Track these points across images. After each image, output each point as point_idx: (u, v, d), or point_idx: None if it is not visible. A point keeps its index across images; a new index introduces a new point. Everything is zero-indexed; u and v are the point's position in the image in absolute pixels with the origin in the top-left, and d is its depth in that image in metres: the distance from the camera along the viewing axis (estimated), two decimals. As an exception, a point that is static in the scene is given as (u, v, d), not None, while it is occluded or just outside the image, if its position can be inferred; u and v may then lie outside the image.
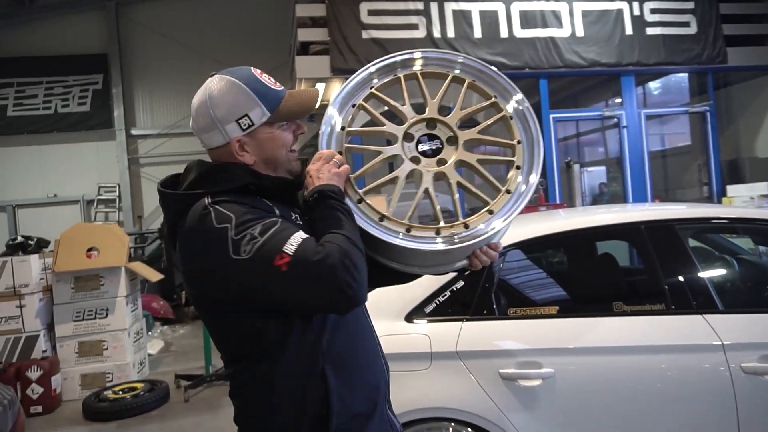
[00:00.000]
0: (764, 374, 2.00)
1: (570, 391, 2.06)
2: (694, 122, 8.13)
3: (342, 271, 1.02)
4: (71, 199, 10.61)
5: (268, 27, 10.46)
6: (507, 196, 1.21)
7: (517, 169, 1.23)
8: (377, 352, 1.28)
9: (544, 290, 2.44)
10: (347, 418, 1.14)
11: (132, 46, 10.79)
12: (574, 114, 8.47)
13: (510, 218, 1.19)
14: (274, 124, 1.19)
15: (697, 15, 7.16)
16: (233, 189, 1.13)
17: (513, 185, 1.22)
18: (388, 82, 1.30)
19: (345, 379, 1.15)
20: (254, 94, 1.16)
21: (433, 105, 1.27)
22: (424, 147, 1.24)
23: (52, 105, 10.50)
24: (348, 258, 1.04)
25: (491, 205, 1.21)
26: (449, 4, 6.69)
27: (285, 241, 1.04)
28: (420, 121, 1.26)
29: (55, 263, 4.68)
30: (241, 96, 1.16)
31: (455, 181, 1.22)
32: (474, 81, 1.29)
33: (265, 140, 1.19)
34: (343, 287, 1.02)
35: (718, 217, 2.55)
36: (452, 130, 1.25)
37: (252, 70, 1.20)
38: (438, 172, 1.23)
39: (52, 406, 4.38)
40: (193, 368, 5.21)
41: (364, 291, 1.07)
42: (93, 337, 4.73)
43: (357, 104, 1.27)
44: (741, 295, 2.55)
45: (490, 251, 1.28)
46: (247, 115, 1.16)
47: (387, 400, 1.28)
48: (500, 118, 1.26)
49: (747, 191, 6.81)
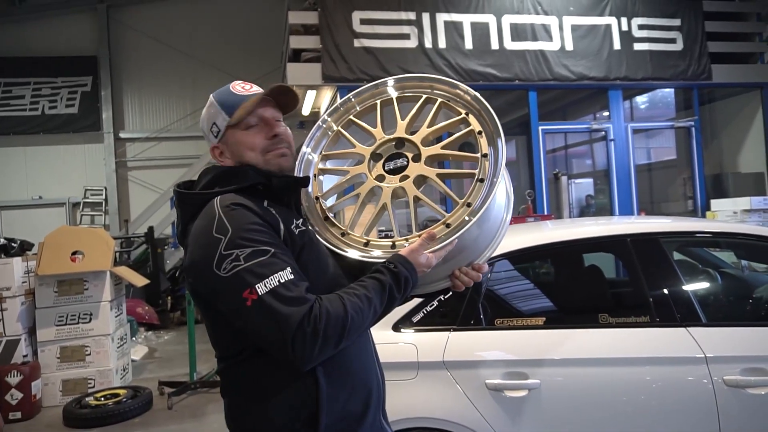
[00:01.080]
0: (746, 387, 2.02)
1: (555, 402, 2.07)
2: (680, 137, 8.26)
3: (298, 336, 1.04)
4: (57, 201, 10.47)
5: (261, 32, 10.47)
6: (466, 208, 1.21)
7: (480, 182, 1.23)
8: (371, 357, 1.30)
9: (530, 301, 2.46)
10: (337, 419, 1.16)
11: (122, 48, 10.73)
12: (562, 126, 8.58)
13: (462, 231, 1.17)
14: (238, 128, 1.25)
15: (683, 32, 7.30)
16: (243, 188, 1.19)
17: (475, 198, 1.21)
18: (366, 108, 1.39)
19: (336, 380, 1.17)
20: (218, 104, 1.27)
21: (402, 125, 1.31)
22: (389, 165, 1.29)
23: (40, 106, 10.39)
24: (321, 325, 1.05)
25: (447, 218, 1.21)
26: (441, 15, 6.76)
27: (264, 278, 1.07)
28: (389, 141, 1.31)
29: (39, 266, 4.61)
30: (212, 108, 1.28)
31: (412, 195, 1.25)
32: (447, 101, 1.33)
33: (233, 144, 1.26)
34: (289, 350, 1.05)
35: (702, 231, 2.59)
36: (418, 148, 1.28)
37: (231, 84, 1.30)
38: (397, 188, 1.26)
39: (32, 412, 4.30)
40: (178, 375, 5.16)
41: (311, 360, 1.08)
42: (75, 342, 4.66)
43: (335, 130, 1.38)
44: (724, 308, 2.58)
45: (471, 272, 1.28)
46: (215, 123, 1.27)
47: (381, 408, 1.29)
48: (467, 133, 1.29)
49: (730, 206, 6.93)
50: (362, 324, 1.12)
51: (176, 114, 10.84)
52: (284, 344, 1.05)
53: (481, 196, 1.21)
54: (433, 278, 1.27)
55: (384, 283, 1.15)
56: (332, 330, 1.07)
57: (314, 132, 1.43)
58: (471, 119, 1.29)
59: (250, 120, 1.24)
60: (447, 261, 1.22)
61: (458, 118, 1.30)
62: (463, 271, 1.27)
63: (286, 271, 1.09)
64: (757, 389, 2.02)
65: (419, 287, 1.25)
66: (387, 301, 1.15)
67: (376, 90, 1.42)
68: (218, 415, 4.10)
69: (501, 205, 1.31)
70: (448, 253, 1.20)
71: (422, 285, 1.26)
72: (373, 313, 1.14)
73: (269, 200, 1.22)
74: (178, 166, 10.36)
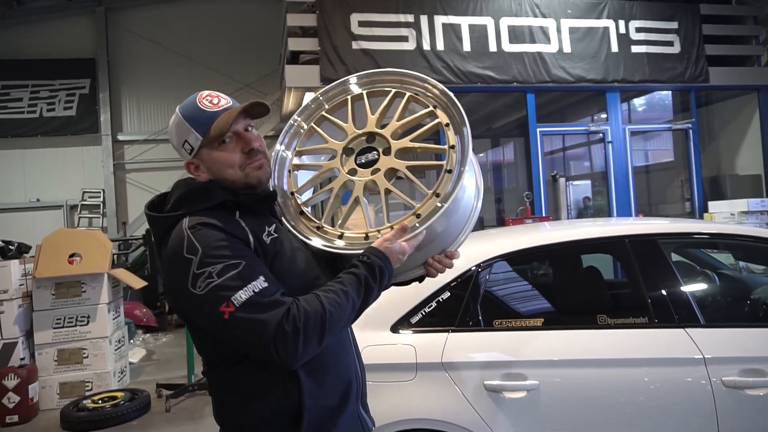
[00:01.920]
0: (744, 388, 2.02)
1: (554, 403, 2.07)
2: (677, 139, 8.29)
3: (279, 338, 1.08)
4: (54, 204, 10.44)
5: (259, 34, 10.46)
6: (435, 198, 1.24)
7: (448, 173, 1.26)
8: (350, 353, 1.35)
9: (529, 302, 2.46)
10: (319, 413, 1.21)
11: (120, 51, 10.72)
12: (560, 128, 8.59)
13: (432, 219, 1.21)
14: (213, 145, 1.25)
15: (680, 35, 7.33)
16: (212, 206, 1.21)
17: (444, 188, 1.24)
18: (337, 103, 1.41)
19: (317, 379, 1.22)
20: (188, 121, 1.25)
21: (372, 120, 1.34)
22: (361, 159, 1.31)
23: (38, 109, 10.36)
24: (300, 323, 1.09)
25: (417, 209, 1.25)
26: (439, 17, 6.77)
27: (238, 289, 1.10)
28: (360, 135, 1.34)
29: (36, 269, 4.60)
30: (180, 125, 1.26)
31: (384, 187, 1.28)
32: (416, 95, 1.35)
33: (210, 161, 1.26)
34: (273, 353, 1.09)
35: (700, 232, 2.59)
36: (388, 141, 1.31)
37: (197, 97, 1.27)
38: (368, 181, 1.29)
39: (29, 415, 4.28)
40: (176, 377, 5.14)
41: (297, 358, 1.11)
42: (73, 345, 4.65)
43: (308, 126, 1.41)
44: (722, 309, 2.59)
45: (445, 260, 1.32)
46: (186, 141, 1.26)
47: (360, 399, 1.34)
48: (435, 126, 1.32)
49: (728, 207, 6.95)
50: (342, 317, 1.15)
51: (174, 116, 10.83)
52: (267, 348, 1.08)
53: (449, 186, 1.24)
54: (408, 267, 1.31)
55: (359, 276, 1.18)
56: (312, 326, 1.10)
57: (286, 131, 1.45)
58: (438, 112, 1.32)
59: (224, 137, 1.24)
60: (420, 249, 1.26)
61: (426, 111, 1.33)
62: (437, 259, 1.32)
63: (259, 280, 1.12)
64: (755, 390, 2.02)
65: (394, 276, 1.27)
66: (364, 292, 1.18)
67: (343, 87, 1.44)
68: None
69: (470, 194, 1.33)
70: (421, 242, 1.24)
71: (397, 274, 1.28)
72: (352, 305, 1.17)
73: (240, 212, 1.25)
74: (176, 168, 10.33)
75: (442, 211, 1.21)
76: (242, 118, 1.27)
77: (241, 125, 1.26)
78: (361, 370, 1.38)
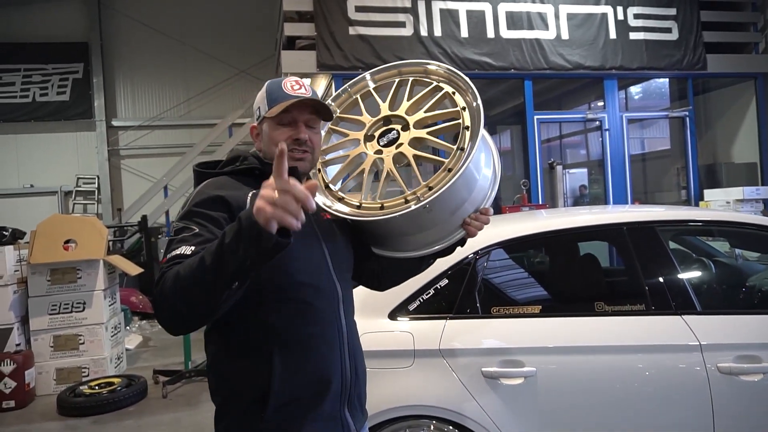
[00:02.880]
0: (739, 374, 2.04)
1: (551, 389, 2.08)
2: (674, 127, 8.28)
3: (157, 307, 1.09)
4: (49, 190, 10.38)
5: (255, 19, 10.36)
6: (461, 153, 1.34)
7: (466, 129, 1.37)
8: (337, 350, 1.30)
9: (526, 290, 2.46)
10: (284, 402, 1.22)
11: (114, 35, 10.58)
12: (557, 116, 8.57)
13: (466, 163, 1.30)
14: (274, 121, 1.34)
15: (678, 21, 7.28)
16: (242, 170, 1.34)
17: (465, 143, 1.35)
18: (348, 104, 1.54)
19: (291, 366, 1.23)
20: (267, 93, 1.37)
21: (384, 107, 1.47)
22: (383, 141, 1.43)
23: (30, 93, 10.25)
24: (159, 290, 1.08)
25: (447, 164, 1.33)
26: (436, 2, 6.70)
27: (172, 251, 1.14)
28: (377, 122, 1.46)
29: (31, 255, 4.57)
30: (261, 93, 1.39)
31: (411, 155, 1.39)
32: (418, 78, 1.48)
33: (264, 133, 1.38)
34: (156, 312, 1.11)
35: (697, 219, 2.60)
36: (404, 118, 1.43)
37: (284, 78, 1.40)
38: (396, 154, 1.40)
39: (26, 401, 4.29)
40: (172, 363, 5.15)
41: (166, 324, 1.10)
42: (69, 331, 4.65)
43: (327, 129, 1.52)
44: (718, 296, 2.60)
45: (481, 216, 1.39)
46: (259, 108, 1.40)
47: (346, 402, 1.31)
48: (443, 96, 1.43)
49: (723, 195, 6.97)
50: (193, 278, 1.03)
51: (169, 102, 10.74)
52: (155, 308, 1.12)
53: (470, 141, 1.35)
54: (449, 229, 1.39)
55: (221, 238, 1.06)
56: (169, 292, 1.05)
57: None
58: (444, 85, 1.44)
59: (284, 118, 1.32)
60: (454, 212, 1.36)
61: (432, 87, 1.45)
62: (473, 217, 1.38)
63: (182, 248, 1.13)
64: (750, 376, 2.04)
65: (438, 241, 1.39)
66: (215, 250, 1.02)
67: (348, 93, 1.57)
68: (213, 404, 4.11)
69: (490, 156, 1.44)
70: (453, 204, 1.34)
71: (440, 239, 1.39)
72: (202, 266, 1.02)
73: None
74: (171, 155, 10.28)
75: (470, 160, 1.30)
76: (308, 113, 1.33)
77: (304, 117, 1.33)
78: (354, 372, 1.34)
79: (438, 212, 1.33)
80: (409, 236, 1.40)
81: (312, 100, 1.32)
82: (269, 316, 1.23)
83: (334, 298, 1.32)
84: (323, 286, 1.30)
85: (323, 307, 1.29)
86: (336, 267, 1.34)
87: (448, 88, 1.42)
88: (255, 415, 1.22)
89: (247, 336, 1.24)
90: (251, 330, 1.23)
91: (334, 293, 1.32)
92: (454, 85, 1.43)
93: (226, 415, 1.28)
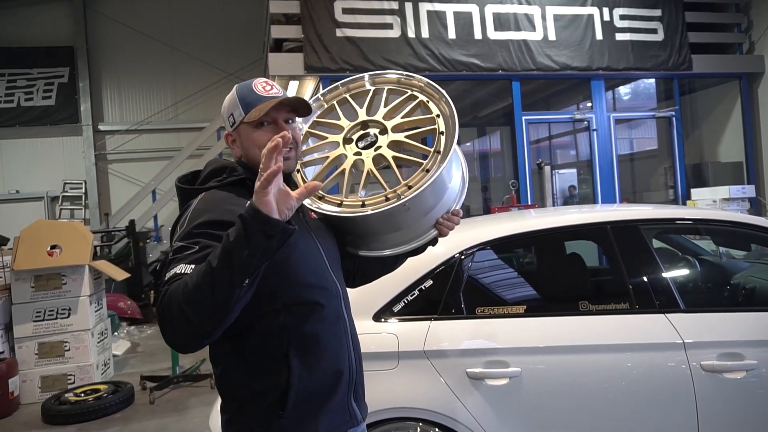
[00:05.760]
0: (722, 372, 2.05)
1: (536, 390, 2.08)
2: (661, 127, 8.35)
3: (163, 323, 1.09)
4: (34, 195, 10.25)
5: (242, 22, 10.31)
6: (438, 155, 1.41)
7: (441, 134, 1.45)
8: (344, 342, 1.37)
9: (511, 290, 2.45)
10: (306, 396, 1.27)
11: (100, 39, 10.49)
12: (545, 116, 8.61)
13: (444, 164, 1.37)
14: (252, 125, 1.33)
15: (664, 22, 7.34)
16: (232, 182, 1.33)
17: (441, 147, 1.42)
18: (326, 110, 1.60)
19: (307, 364, 1.28)
20: (239, 97, 1.36)
21: (362, 112, 1.52)
22: (362, 143, 1.48)
23: (15, 98, 10.12)
24: (163, 306, 1.08)
25: (425, 165, 1.40)
26: (424, 4, 6.71)
27: (172, 269, 1.13)
28: (355, 126, 1.51)
29: (14, 261, 4.51)
30: (232, 99, 1.38)
31: (391, 156, 1.45)
32: (393, 88, 1.55)
33: (244, 138, 1.36)
34: (163, 329, 1.10)
35: (681, 218, 2.61)
36: (381, 123, 1.49)
37: (254, 81, 1.39)
38: (375, 155, 1.45)
39: (9, 409, 4.23)
40: (160, 369, 5.10)
41: (173, 341, 1.09)
42: (54, 338, 4.59)
43: (305, 131, 1.57)
44: (702, 294, 2.61)
45: (453, 217, 1.47)
46: (232, 114, 1.37)
47: (352, 391, 1.38)
48: (418, 104, 1.50)
49: (710, 194, 7.04)
50: (203, 284, 1.03)
51: (157, 106, 10.65)
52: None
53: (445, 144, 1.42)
54: (423, 229, 1.46)
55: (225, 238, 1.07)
56: (175, 306, 1.05)
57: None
58: (418, 94, 1.51)
59: (263, 119, 1.32)
60: (429, 212, 1.43)
61: (407, 96, 1.51)
62: (446, 218, 1.46)
63: (180, 265, 1.12)
64: (733, 374, 2.05)
65: (411, 241, 1.46)
66: (221, 252, 1.03)
67: (326, 97, 1.62)
68: (200, 409, 4.07)
69: (459, 163, 1.53)
70: (429, 204, 1.41)
71: (415, 238, 1.46)
72: (210, 270, 1.03)
73: None
74: (159, 159, 10.20)
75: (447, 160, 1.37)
76: (286, 111, 1.34)
77: (283, 116, 1.33)
78: (358, 363, 1.41)
79: (414, 211, 1.41)
80: (386, 235, 1.46)
81: (290, 98, 1.34)
82: (283, 320, 1.26)
83: (338, 295, 1.37)
84: (328, 285, 1.35)
85: (330, 305, 1.34)
86: (332, 265, 1.40)
87: (422, 96, 1.50)
88: (274, 412, 1.25)
89: (261, 341, 1.26)
90: (266, 335, 1.26)
91: (337, 290, 1.38)
92: (428, 94, 1.51)
93: (241, 416, 1.29)
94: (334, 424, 1.32)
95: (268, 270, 1.17)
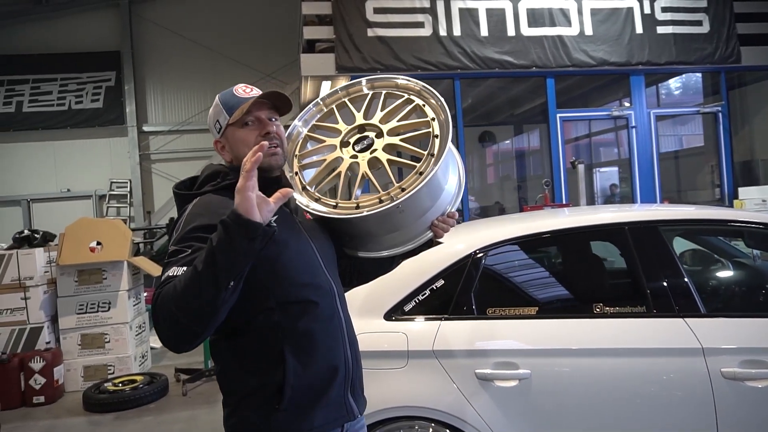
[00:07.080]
0: (744, 380, 1.96)
1: (546, 392, 2.05)
2: (707, 123, 7.99)
3: (157, 324, 1.13)
4: (84, 194, 10.78)
5: (280, 24, 10.51)
6: (431, 158, 1.42)
7: (435, 137, 1.45)
8: (339, 339, 1.40)
9: (523, 291, 2.42)
10: (301, 392, 1.31)
11: (144, 43, 10.93)
12: (580, 113, 8.37)
13: (436, 167, 1.38)
14: (236, 126, 1.37)
15: (709, 14, 7.03)
16: (225, 185, 1.36)
17: (435, 149, 1.43)
18: (325, 114, 1.62)
19: (302, 360, 1.31)
20: (221, 104, 1.41)
21: (359, 116, 1.55)
22: (358, 147, 1.50)
23: (66, 101, 10.68)
24: (157, 308, 1.12)
25: (419, 168, 1.42)
26: (456, 2, 6.66)
27: (166, 272, 1.18)
28: (352, 129, 1.54)
29: (60, 256, 4.76)
30: (216, 107, 1.43)
31: (386, 159, 1.47)
32: (390, 92, 1.56)
33: (232, 140, 1.40)
34: (156, 329, 1.14)
35: (701, 219, 2.50)
36: (377, 127, 1.50)
37: (235, 87, 1.44)
38: (371, 158, 1.47)
39: (55, 396, 4.47)
40: (195, 362, 5.26)
41: (169, 341, 1.13)
42: (95, 330, 4.81)
43: (304, 135, 1.60)
44: (727, 298, 2.50)
45: (447, 219, 1.47)
46: (218, 120, 1.42)
47: (349, 386, 1.40)
48: (414, 108, 1.51)
49: (758, 194, 6.68)
50: (190, 287, 1.08)
51: (197, 107, 11.01)
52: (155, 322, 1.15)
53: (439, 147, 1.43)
54: (418, 230, 1.47)
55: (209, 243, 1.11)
56: (167, 307, 1.10)
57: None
58: (414, 98, 1.52)
59: (247, 119, 1.36)
60: (424, 214, 1.44)
61: (403, 100, 1.53)
62: (441, 220, 1.46)
63: (173, 268, 1.16)
64: (755, 382, 1.95)
65: (406, 243, 1.47)
66: (205, 256, 1.08)
67: (325, 101, 1.64)
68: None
69: (456, 165, 1.54)
70: (424, 206, 1.42)
71: (410, 240, 1.47)
72: (195, 273, 1.08)
73: None
74: (199, 158, 10.54)
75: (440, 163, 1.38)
76: (267, 109, 1.39)
77: (265, 114, 1.38)
78: (354, 359, 1.43)
79: (409, 213, 1.41)
80: (382, 236, 1.48)
81: (268, 93, 1.38)
82: (277, 319, 1.29)
83: (332, 294, 1.40)
84: (321, 284, 1.38)
85: (324, 303, 1.36)
86: (327, 264, 1.43)
87: (418, 100, 1.51)
88: (272, 406, 1.29)
89: (257, 339, 1.30)
90: (261, 333, 1.29)
91: (331, 288, 1.40)
92: (424, 98, 1.53)
93: (240, 410, 1.33)
94: (331, 417, 1.35)
95: (261, 270, 1.22)
